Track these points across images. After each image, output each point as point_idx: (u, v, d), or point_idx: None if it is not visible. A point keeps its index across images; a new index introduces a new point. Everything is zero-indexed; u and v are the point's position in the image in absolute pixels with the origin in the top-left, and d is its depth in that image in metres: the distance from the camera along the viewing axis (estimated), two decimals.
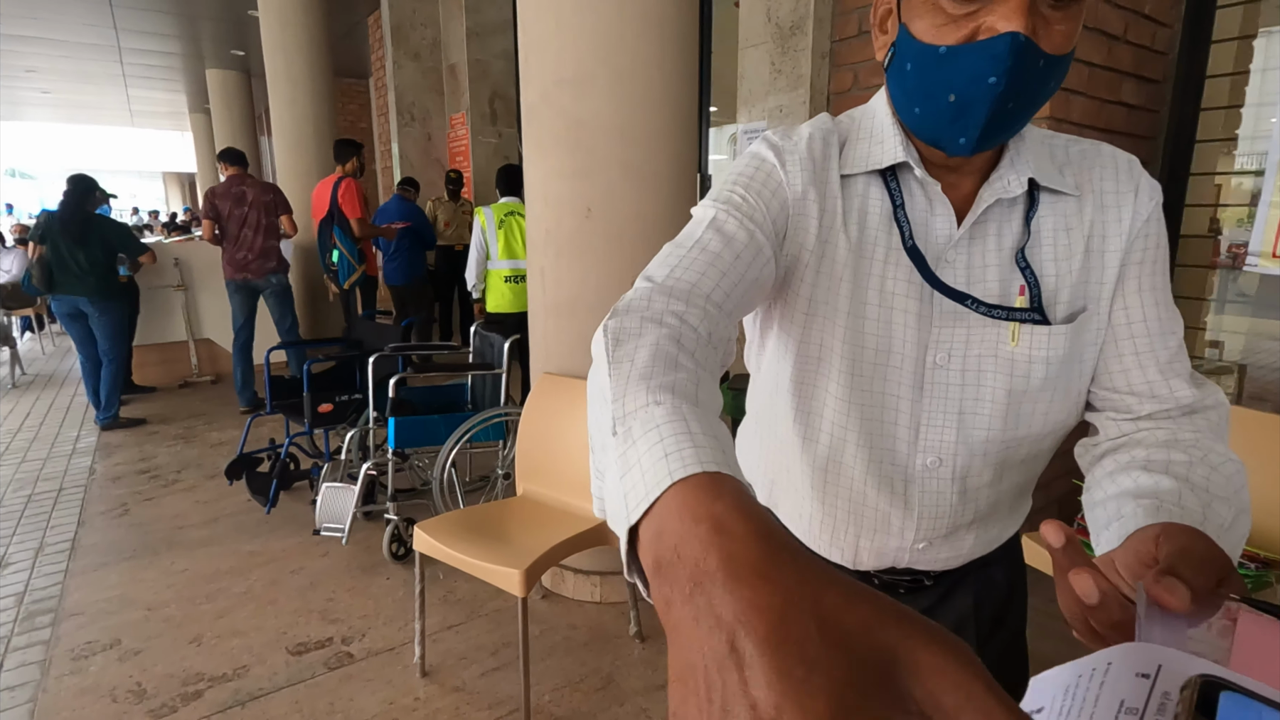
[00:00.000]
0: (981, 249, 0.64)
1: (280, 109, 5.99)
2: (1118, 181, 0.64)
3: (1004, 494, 0.73)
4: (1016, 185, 0.62)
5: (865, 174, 0.66)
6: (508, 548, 1.77)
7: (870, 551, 0.74)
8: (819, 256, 0.66)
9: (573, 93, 2.01)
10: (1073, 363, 0.65)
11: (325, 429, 2.91)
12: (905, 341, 0.65)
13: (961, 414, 0.66)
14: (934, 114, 0.58)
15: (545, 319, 2.23)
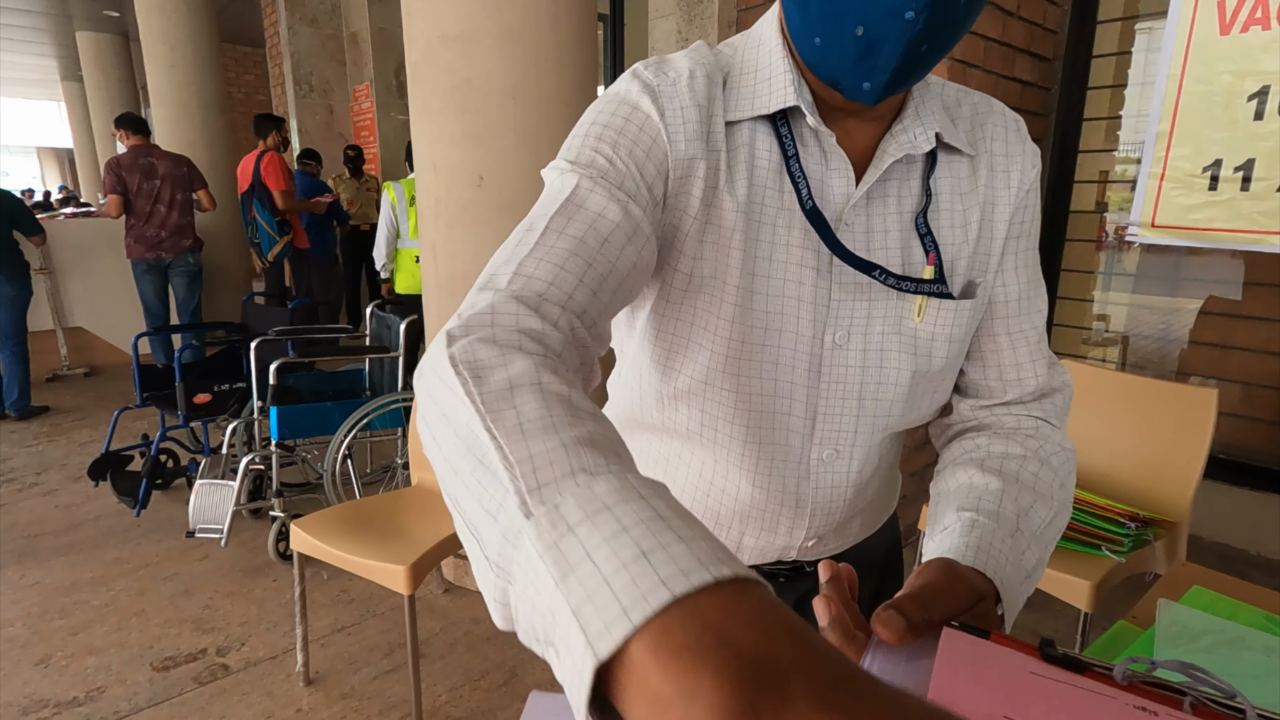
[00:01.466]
0: (881, 211, 0.55)
1: (158, 76, 5.46)
2: (1007, 143, 0.59)
3: (885, 474, 0.69)
4: (925, 141, 0.54)
5: (751, 120, 0.55)
6: (396, 542, 1.64)
7: (754, 550, 0.68)
8: (703, 223, 0.54)
9: (460, 50, 1.86)
10: (967, 340, 0.61)
11: (205, 421, 2.67)
12: (800, 319, 0.56)
13: (862, 400, 0.58)
14: (837, 48, 0.47)
15: (439, 297, 2.08)
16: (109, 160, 3.99)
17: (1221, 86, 1.60)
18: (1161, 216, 1.73)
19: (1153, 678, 0.39)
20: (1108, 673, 0.39)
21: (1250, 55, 1.55)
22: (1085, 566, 1.45)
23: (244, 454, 2.56)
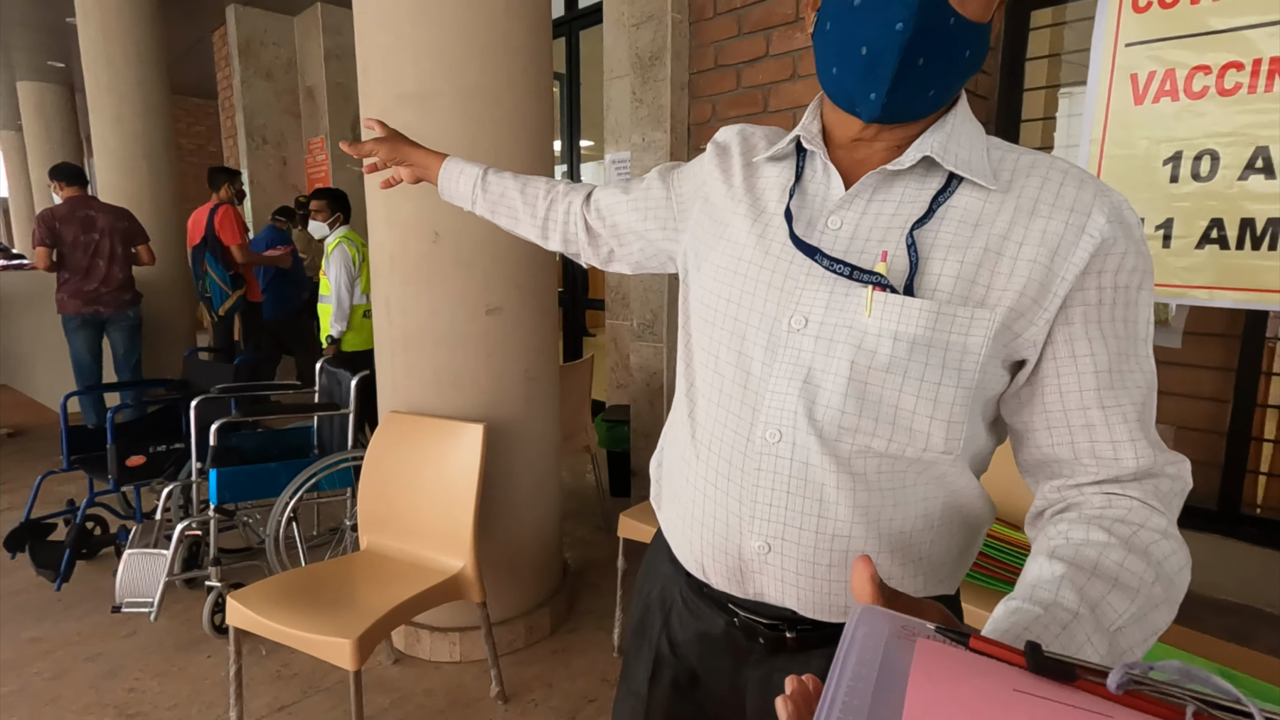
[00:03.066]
0: (872, 223, 0.62)
1: (104, 127, 5.35)
2: (1058, 195, 0.58)
3: (875, 528, 0.63)
4: (909, 160, 0.61)
5: (779, 159, 0.71)
6: (342, 613, 1.55)
7: (713, 556, 0.68)
8: (716, 234, 0.72)
9: (416, 109, 1.87)
10: (933, 351, 0.58)
11: (138, 486, 2.52)
12: (767, 301, 0.64)
13: (806, 382, 0.62)
14: (849, 71, 0.58)
15: (393, 353, 2.04)
16: (42, 212, 3.85)
17: (1140, 151, 1.71)
18: None
19: (1150, 681, 0.37)
20: (1101, 680, 0.36)
21: (1163, 123, 1.67)
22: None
23: (179, 519, 2.42)
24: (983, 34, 0.57)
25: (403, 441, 1.93)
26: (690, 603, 0.75)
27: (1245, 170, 1.58)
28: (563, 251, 0.96)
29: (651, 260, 0.88)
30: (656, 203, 0.84)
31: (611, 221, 0.88)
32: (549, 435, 2.21)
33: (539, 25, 2.00)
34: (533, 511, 2.16)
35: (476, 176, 0.95)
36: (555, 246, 0.96)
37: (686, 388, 0.74)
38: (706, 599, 0.73)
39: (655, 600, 0.80)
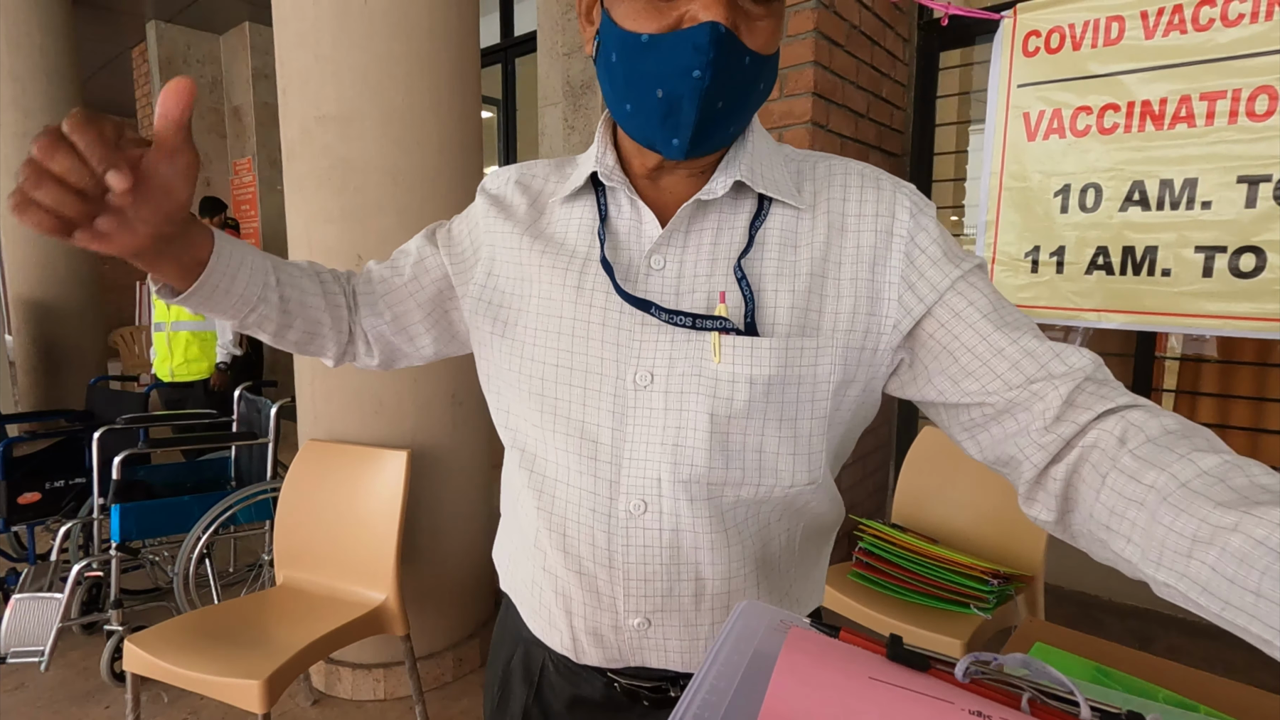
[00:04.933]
0: (695, 258, 0.58)
1: (7, 143, 5.05)
2: (861, 204, 0.58)
3: (756, 573, 0.61)
4: (720, 187, 0.58)
5: (575, 195, 0.64)
6: (251, 653, 1.47)
7: (587, 633, 0.62)
8: (518, 294, 0.64)
9: (338, 130, 1.84)
10: (786, 389, 0.56)
11: (31, 524, 2.34)
12: (604, 360, 0.58)
13: (664, 444, 0.57)
14: (643, 111, 0.54)
15: (310, 377, 1.98)
16: None
17: (1033, 184, 1.84)
18: None
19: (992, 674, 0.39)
20: (950, 670, 0.39)
21: (1053, 158, 1.80)
22: (955, 625, 1.51)
23: (78, 560, 2.27)
24: (772, 63, 0.55)
25: (322, 470, 1.87)
26: (563, 671, 0.68)
27: (1125, 202, 1.71)
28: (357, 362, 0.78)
29: (436, 342, 0.76)
30: (428, 266, 0.72)
31: (386, 297, 0.73)
32: (478, 461, 2.18)
33: (465, 49, 2.01)
34: (460, 539, 2.11)
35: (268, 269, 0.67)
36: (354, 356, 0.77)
37: (513, 468, 0.66)
38: (580, 667, 0.67)
39: (518, 667, 0.72)
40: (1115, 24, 1.68)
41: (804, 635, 0.42)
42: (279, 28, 1.90)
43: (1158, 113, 1.65)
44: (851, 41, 2.47)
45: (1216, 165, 1.59)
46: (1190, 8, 1.59)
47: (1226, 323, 1.61)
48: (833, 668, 0.39)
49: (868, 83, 2.59)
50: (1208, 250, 1.62)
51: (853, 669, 0.39)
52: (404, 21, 1.84)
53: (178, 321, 3.13)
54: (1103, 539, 0.47)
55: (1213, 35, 1.57)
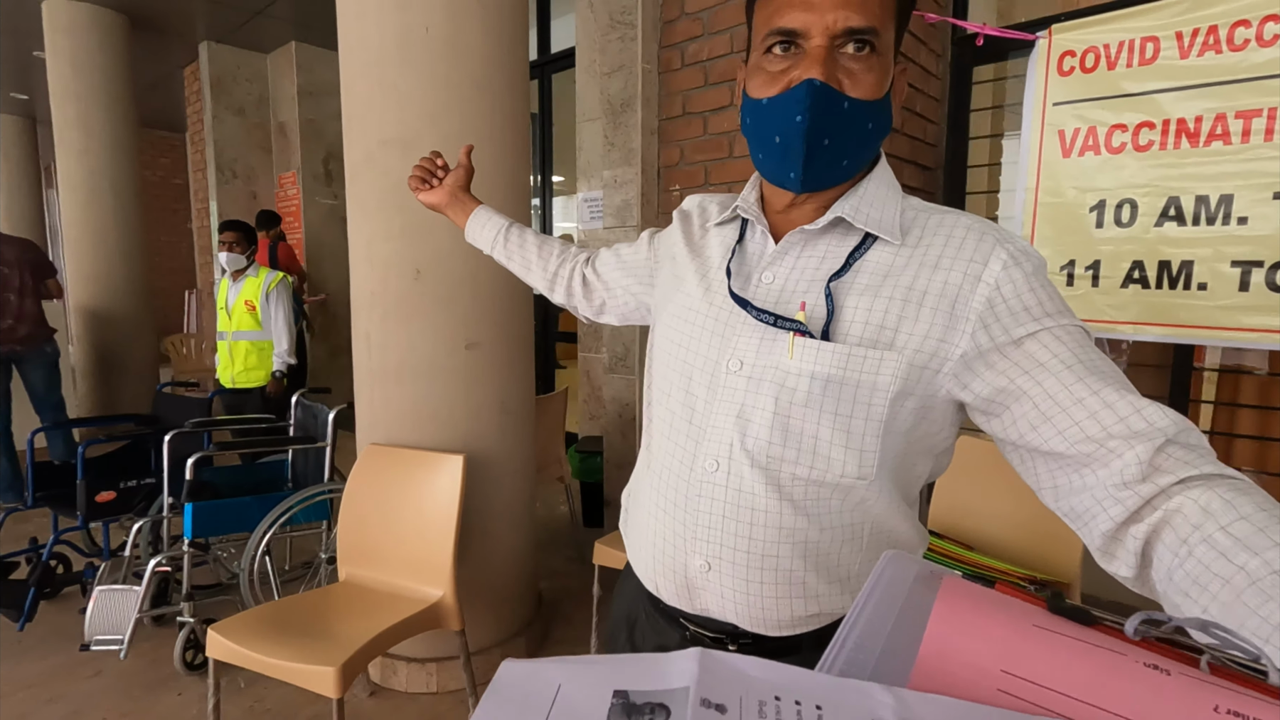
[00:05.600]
0: (799, 276, 0.71)
1: (69, 160, 5.32)
2: (960, 247, 0.66)
3: (798, 534, 0.69)
4: (822, 222, 0.71)
5: (725, 222, 0.83)
6: (322, 642, 1.58)
7: (664, 569, 0.76)
8: (675, 287, 0.82)
9: (399, 153, 1.96)
10: (844, 388, 0.65)
11: (106, 522, 2.49)
12: (710, 346, 0.74)
13: (739, 418, 0.70)
14: (770, 156, 0.70)
15: (371, 385, 2.09)
16: None
17: (1068, 199, 1.88)
18: None
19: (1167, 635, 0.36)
20: (1119, 627, 0.36)
21: (1087, 175, 1.84)
22: None
23: (149, 556, 2.41)
24: (880, 107, 0.66)
25: (382, 473, 1.98)
26: (651, 618, 0.83)
27: (1160, 218, 1.75)
28: (563, 303, 1.09)
29: (635, 312, 1.00)
30: (639, 262, 0.97)
31: (606, 277, 1.01)
32: (524, 466, 2.27)
33: (516, 75, 2.11)
34: (508, 541, 2.21)
35: (501, 228, 1.09)
36: (559, 299, 1.09)
37: (647, 423, 0.84)
38: (664, 615, 0.80)
39: (622, 617, 0.89)
40: (1150, 44, 1.73)
41: (959, 583, 0.41)
42: (345, 57, 2.02)
43: (1193, 130, 1.68)
44: None
45: (1252, 182, 1.62)
46: (1225, 28, 1.63)
47: (1264, 336, 1.64)
48: (992, 614, 0.38)
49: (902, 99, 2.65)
50: (1244, 265, 1.65)
51: (1014, 616, 0.38)
52: (461, 49, 1.95)
53: (238, 332, 3.29)
54: (1177, 603, 0.48)
55: (1247, 55, 1.60)
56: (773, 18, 0.66)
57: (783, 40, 0.66)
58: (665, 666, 0.37)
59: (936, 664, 0.37)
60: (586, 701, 0.34)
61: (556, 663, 0.37)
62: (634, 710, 0.34)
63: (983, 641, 0.36)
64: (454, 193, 1.13)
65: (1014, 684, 0.35)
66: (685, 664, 0.37)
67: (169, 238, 9.62)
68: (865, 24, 0.64)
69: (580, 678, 0.37)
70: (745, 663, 0.37)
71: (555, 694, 0.35)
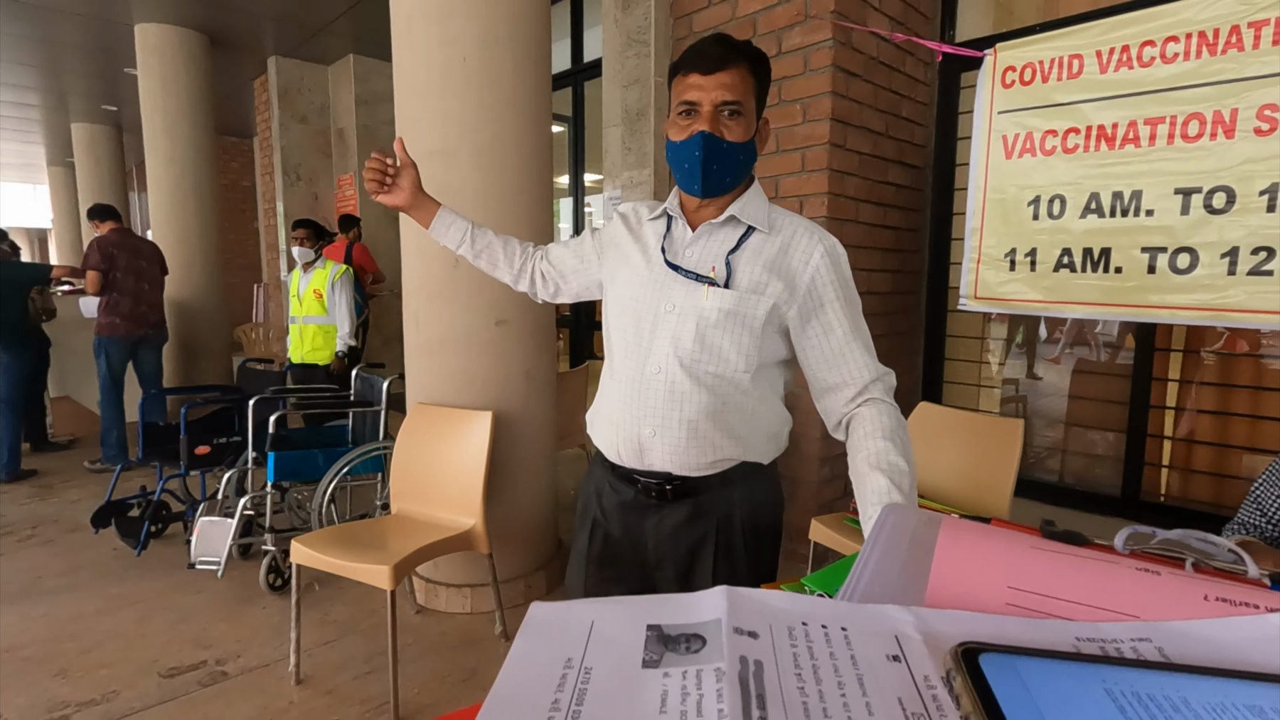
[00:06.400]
0: (704, 251, 1.11)
1: (158, 166, 5.97)
2: (808, 242, 1.10)
3: (705, 406, 1.08)
4: (721, 218, 1.11)
5: (655, 219, 1.19)
6: (379, 552, 2.00)
7: (624, 441, 1.12)
8: (623, 262, 1.19)
9: (441, 163, 2.36)
10: (739, 316, 1.07)
11: (202, 471, 2.99)
12: (654, 296, 1.12)
13: (673, 339, 1.09)
14: (683, 175, 1.09)
15: (418, 356, 2.51)
16: (96, 239, 4.25)
17: (1010, 196, 2.16)
18: (981, 290, 2.27)
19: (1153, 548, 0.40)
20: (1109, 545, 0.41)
21: (1025, 174, 2.12)
22: None
23: (237, 498, 2.89)
24: (747, 147, 1.07)
25: (426, 427, 2.39)
26: (613, 484, 1.20)
27: (1084, 211, 2.02)
28: (525, 291, 1.37)
29: (586, 289, 1.32)
30: (588, 250, 1.30)
31: (560, 266, 1.33)
32: (546, 426, 2.66)
33: (540, 96, 2.50)
34: (530, 489, 2.60)
35: (467, 229, 1.33)
36: (523, 288, 1.37)
37: (608, 350, 1.20)
38: (622, 478, 1.18)
39: (592, 490, 1.25)
40: (1076, 60, 1.99)
41: (958, 521, 0.46)
42: (399, 83, 2.43)
43: (1110, 135, 1.94)
44: (870, 70, 2.82)
45: (1157, 179, 1.87)
46: (1135, 47, 1.88)
47: (1169, 312, 1.90)
48: (992, 542, 0.42)
49: (886, 105, 2.94)
50: (1151, 251, 1.91)
51: (1012, 542, 0.42)
52: (493, 76, 2.34)
53: (307, 316, 3.79)
54: (850, 454, 1.02)
55: (1153, 70, 1.86)
56: (682, 94, 1.06)
57: (687, 108, 1.05)
58: (695, 602, 0.40)
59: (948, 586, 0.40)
60: (622, 634, 0.37)
61: (585, 603, 0.40)
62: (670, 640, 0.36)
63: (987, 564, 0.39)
64: (414, 194, 1.27)
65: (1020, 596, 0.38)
66: (714, 600, 0.39)
67: (238, 236, 10.38)
68: (734, 98, 1.04)
69: (612, 614, 0.39)
70: (769, 595, 0.40)
71: (590, 629, 0.38)
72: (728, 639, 0.35)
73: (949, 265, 3.27)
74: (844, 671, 0.34)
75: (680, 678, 0.34)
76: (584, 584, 1.24)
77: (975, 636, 0.35)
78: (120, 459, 4.23)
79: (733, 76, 1.03)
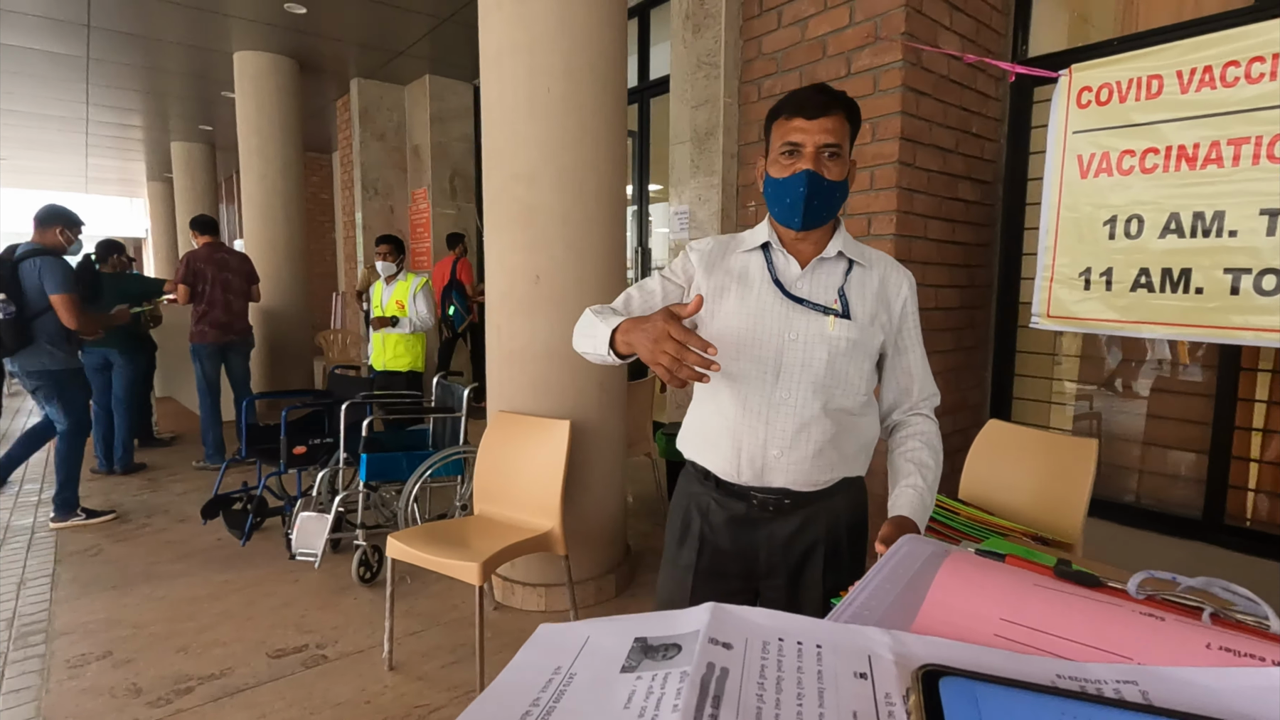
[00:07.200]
0: (816, 283, 1.21)
1: (252, 183, 6.41)
2: (897, 275, 1.26)
3: (831, 433, 1.18)
4: (833, 251, 1.22)
5: (751, 251, 1.26)
6: (466, 549, 2.14)
7: (746, 460, 1.20)
8: (721, 294, 1.24)
9: (525, 185, 2.52)
10: (863, 346, 1.19)
11: (298, 470, 3.23)
12: (774, 325, 1.19)
13: (803, 366, 1.18)
14: (783, 210, 1.18)
15: (500, 366, 2.67)
16: (187, 254, 4.60)
17: (1084, 214, 2.16)
18: (1054, 308, 2.27)
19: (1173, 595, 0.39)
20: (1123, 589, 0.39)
21: (1101, 193, 2.12)
22: None
23: (329, 498, 3.11)
24: (842, 185, 1.17)
25: (508, 433, 2.54)
26: (719, 500, 1.26)
27: (1163, 231, 2.01)
28: None
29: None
30: (671, 291, 1.32)
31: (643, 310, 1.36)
32: (616, 436, 2.78)
33: (616, 120, 2.63)
34: (602, 495, 2.72)
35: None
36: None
37: (720, 380, 1.22)
38: (731, 494, 1.24)
39: (693, 507, 1.30)
40: (1155, 81, 1.99)
41: (966, 554, 0.45)
42: (486, 110, 2.61)
43: (1191, 155, 1.93)
44: (940, 88, 2.85)
45: (1241, 200, 1.85)
46: (1219, 68, 1.87)
47: (1254, 334, 1.87)
48: (995, 577, 0.41)
49: (956, 122, 2.95)
50: (1235, 272, 1.88)
51: (1016, 578, 0.41)
52: (574, 104, 2.48)
53: None
54: (890, 450, 1.26)
55: (1237, 91, 1.84)
56: (786, 135, 1.16)
57: (791, 148, 1.15)
58: (681, 617, 0.42)
59: (938, 614, 0.40)
60: (610, 645, 0.39)
61: (586, 623, 0.44)
62: (650, 650, 0.39)
63: (983, 596, 0.39)
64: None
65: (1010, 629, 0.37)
66: (698, 614, 0.42)
67: (316, 246, 10.93)
68: (834, 141, 1.15)
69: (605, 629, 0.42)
70: (753, 613, 0.41)
71: (584, 643, 0.40)
72: (700, 647, 0.38)
73: (1019, 280, 3.25)
74: (807, 684, 0.35)
75: (649, 680, 0.37)
76: (689, 597, 1.29)
77: (947, 662, 0.35)
78: (217, 456, 4.59)
79: (834, 122, 1.13)
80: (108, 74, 6.94)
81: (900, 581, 0.45)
